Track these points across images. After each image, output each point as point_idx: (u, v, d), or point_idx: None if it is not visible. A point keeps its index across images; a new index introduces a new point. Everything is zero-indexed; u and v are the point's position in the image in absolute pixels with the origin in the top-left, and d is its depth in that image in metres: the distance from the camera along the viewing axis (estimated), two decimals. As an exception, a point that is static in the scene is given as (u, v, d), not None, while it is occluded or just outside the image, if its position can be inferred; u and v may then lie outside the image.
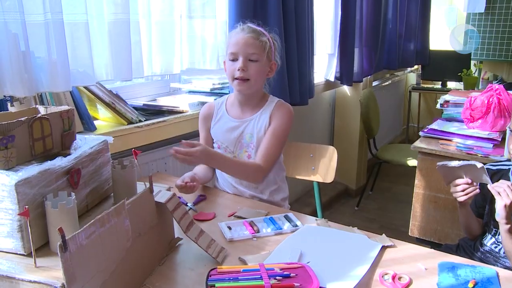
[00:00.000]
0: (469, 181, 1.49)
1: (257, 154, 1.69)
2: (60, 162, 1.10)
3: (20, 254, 1.02)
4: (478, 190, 1.49)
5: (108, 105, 1.78)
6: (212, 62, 2.11)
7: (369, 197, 3.83)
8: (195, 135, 2.21)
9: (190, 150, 1.47)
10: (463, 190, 1.50)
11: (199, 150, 1.49)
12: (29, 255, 1.01)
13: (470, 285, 1.09)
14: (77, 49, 1.58)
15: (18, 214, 0.95)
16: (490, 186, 1.43)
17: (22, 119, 1.07)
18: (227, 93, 2.20)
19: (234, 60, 1.64)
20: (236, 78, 1.64)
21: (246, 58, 1.62)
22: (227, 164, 1.64)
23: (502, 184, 1.41)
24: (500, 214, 1.40)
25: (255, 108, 1.74)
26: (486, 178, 1.46)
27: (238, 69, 1.62)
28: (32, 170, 1.01)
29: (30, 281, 0.90)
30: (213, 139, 1.80)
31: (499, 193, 1.39)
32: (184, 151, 1.46)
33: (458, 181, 1.52)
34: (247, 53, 1.62)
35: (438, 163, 1.55)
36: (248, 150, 1.73)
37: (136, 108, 1.94)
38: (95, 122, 1.79)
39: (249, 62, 1.62)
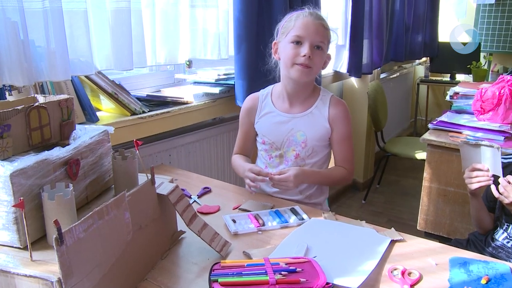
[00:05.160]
0: (486, 167, 1.46)
1: (337, 158, 1.69)
2: (58, 152, 1.06)
3: (16, 247, 0.98)
4: (491, 182, 1.46)
5: (110, 95, 1.74)
6: (213, 53, 2.06)
7: (377, 190, 3.79)
8: (200, 126, 2.19)
9: (282, 177, 1.46)
10: (476, 176, 1.48)
11: (292, 174, 1.47)
12: (25, 248, 0.97)
13: (483, 281, 1.04)
14: (77, 37, 1.54)
15: (13, 206, 0.92)
16: (500, 187, 1.42)
17: (18, 107, 1.03)
18: (232, 84, 2.16)
19: (298, 43, 1.53)
20: (297, 64, 1.53)
21: (313, 45, 1.52)
22: (320, 177, 1.64)
23: (506, 187, 1.40)
24: None
25: (305, 102, 1.64)
26: (499, 168, 1.44)
27: (304, 55, 1.50)
28: (28, 160, 0.97)
29: (26, 275, 0.87)
30: (256, 134, 1.72)
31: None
32: (278, 178, 1.46)
33: (475, 165, 1.50)
34: (315, 40, 1.52)
35: (460, 140, 1.53)
36: (297, 149, 1.64)
37: (139, 99, 1.90)
38: (98, 113, 1.76)
39: (314, 49, 1.53)
